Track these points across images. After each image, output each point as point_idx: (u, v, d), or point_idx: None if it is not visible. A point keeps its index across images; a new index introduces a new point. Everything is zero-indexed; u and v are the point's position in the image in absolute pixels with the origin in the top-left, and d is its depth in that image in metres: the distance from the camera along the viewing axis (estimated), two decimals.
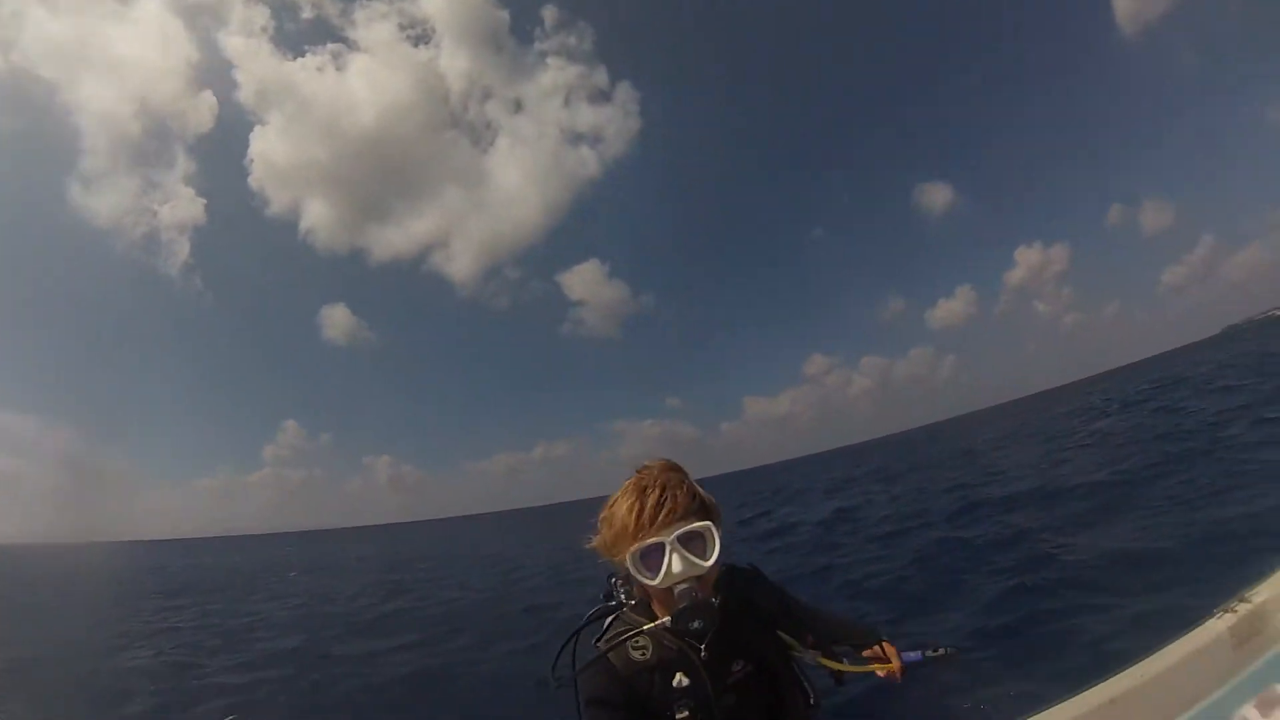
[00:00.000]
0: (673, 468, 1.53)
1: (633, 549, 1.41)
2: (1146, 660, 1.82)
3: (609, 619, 1.59)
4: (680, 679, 1.49)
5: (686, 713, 1.48)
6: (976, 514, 10.84)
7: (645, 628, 1.47)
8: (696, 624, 1.37)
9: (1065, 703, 1.75)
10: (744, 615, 1.56)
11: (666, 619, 1.42)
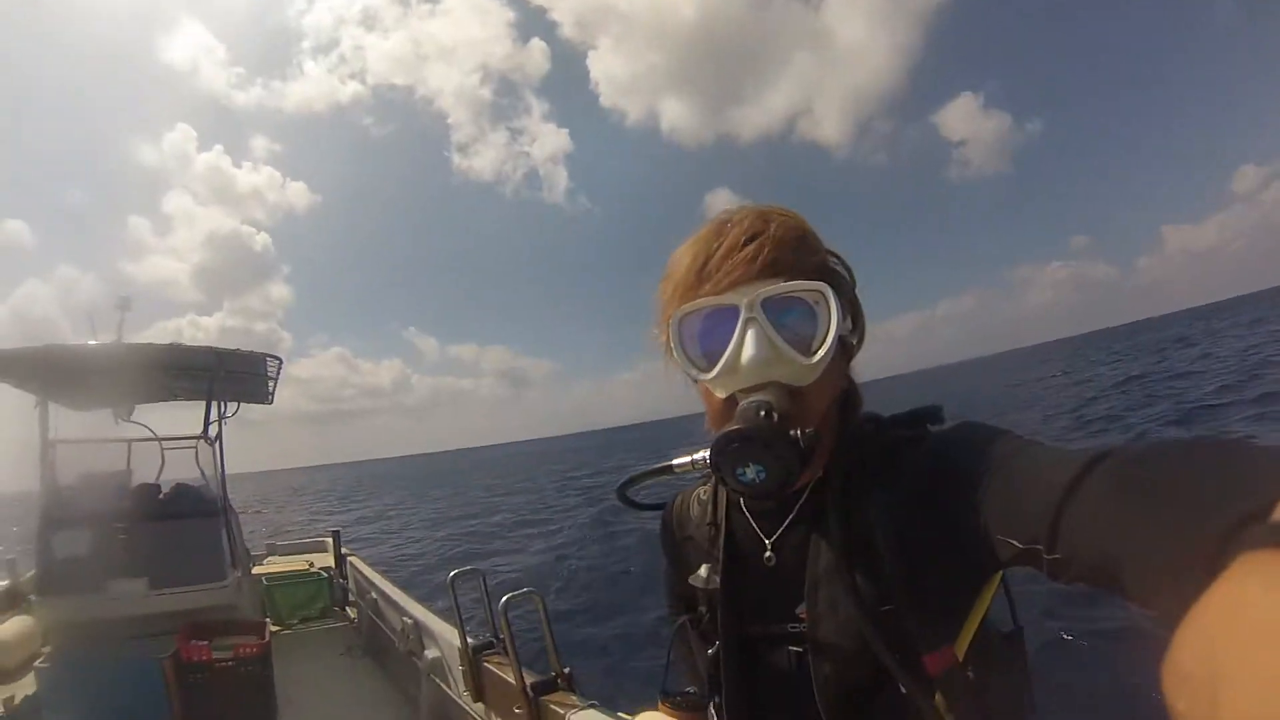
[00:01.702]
0: (785, 210, 0.80)
1: (683, 310, 0.76)
2: None
3: None
4: (702, 572, 0.86)
5: (698, 627, 0.88)
6: None
7: (677, 462, 0.89)
8: (753, 473, 0.67)
9: None
10: (856, 514, 0.75)
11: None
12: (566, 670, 2.20)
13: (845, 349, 0.78)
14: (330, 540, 6.38)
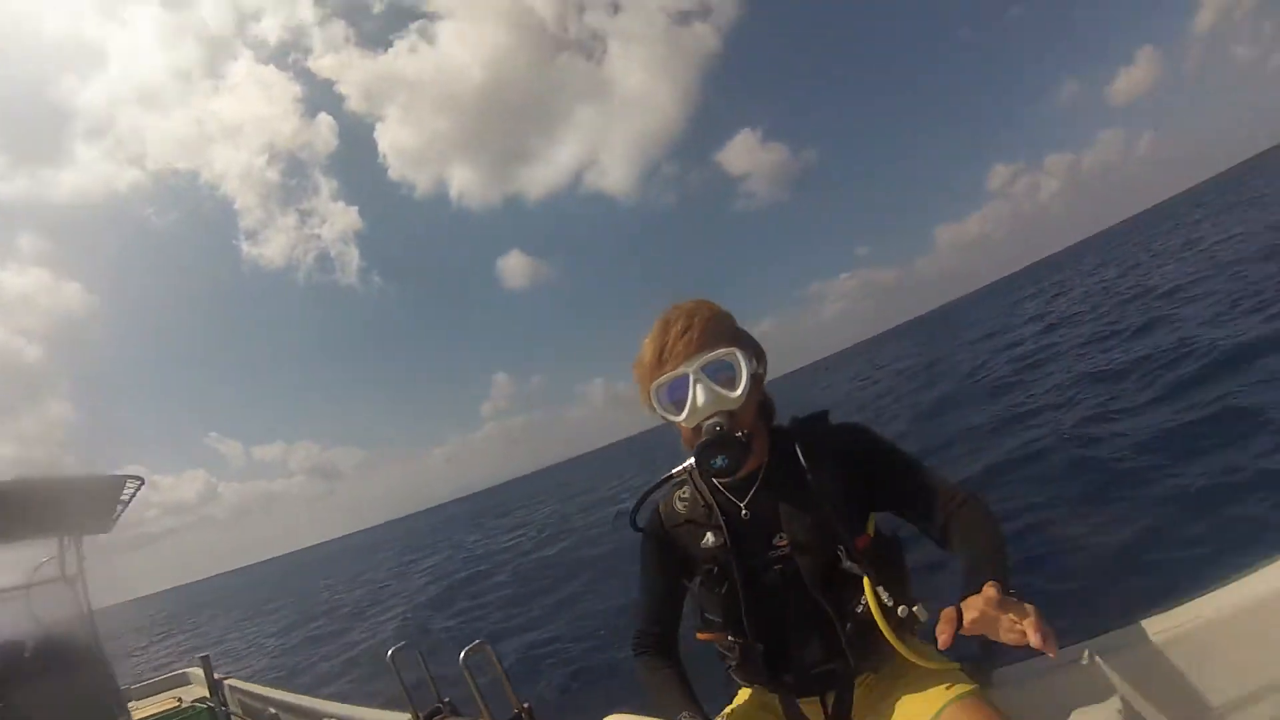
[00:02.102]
0: (703, 302, 1.36)
1: (656, 383, 1.30)
2: None
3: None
4: (708, 538, 1.35)
5: (710, 580, 1.35)
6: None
7: (675, 471, 1.42)
8: (720, 461, 1.22)
9: (1259, 573, 1.27)
10: (799, 474, 1.30)
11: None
12: (526, 705, 2.28)
13: (756, 379, 1.30)
14: (198, 669, 5.85)
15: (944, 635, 1.02)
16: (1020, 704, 1.30)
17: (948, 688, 1.23)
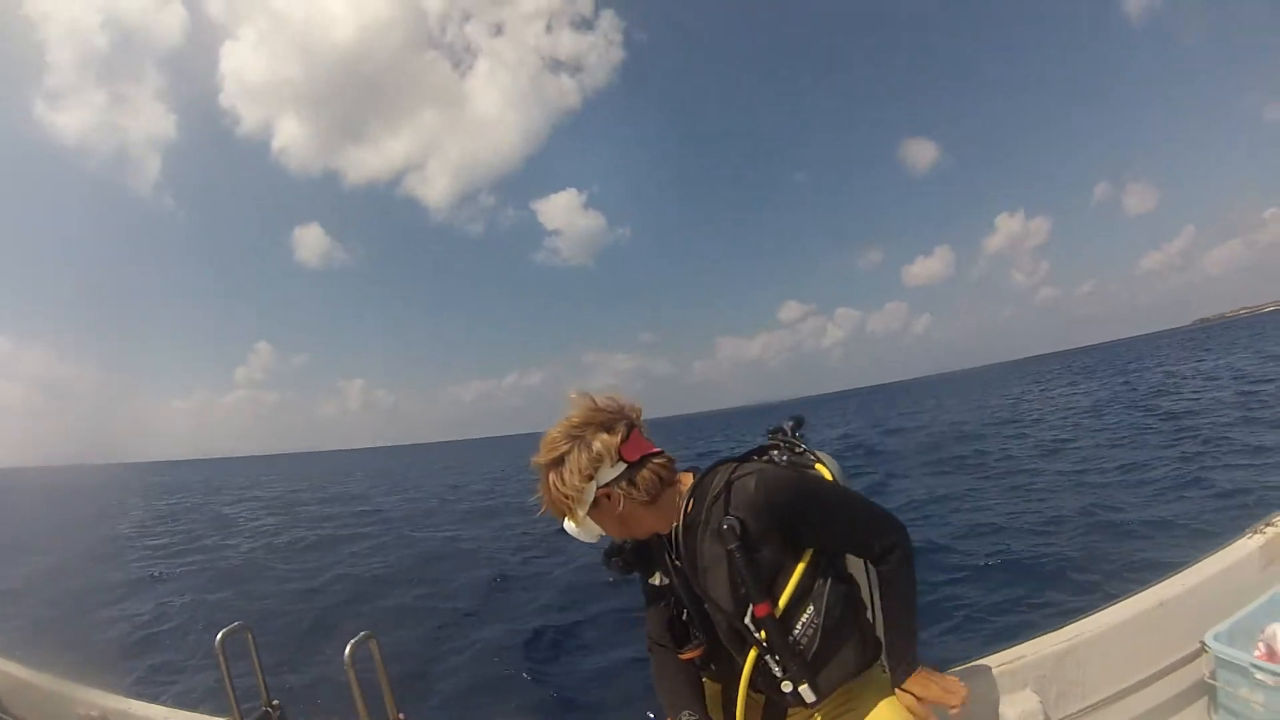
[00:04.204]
0: (552, 448, 1.40)
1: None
2: (1187, 570, 2.06)
3: None
4: (660, 578, 1.59)
5: (662, 604, 1.61)
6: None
7: None
8: (610, 573, 1.60)
9: (1120, 604, 1.97)
10: (710, 529, 1.42)
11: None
12: (401, 716, 1.99)
13: (619, 495, 1.39)
14: None
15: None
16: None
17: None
